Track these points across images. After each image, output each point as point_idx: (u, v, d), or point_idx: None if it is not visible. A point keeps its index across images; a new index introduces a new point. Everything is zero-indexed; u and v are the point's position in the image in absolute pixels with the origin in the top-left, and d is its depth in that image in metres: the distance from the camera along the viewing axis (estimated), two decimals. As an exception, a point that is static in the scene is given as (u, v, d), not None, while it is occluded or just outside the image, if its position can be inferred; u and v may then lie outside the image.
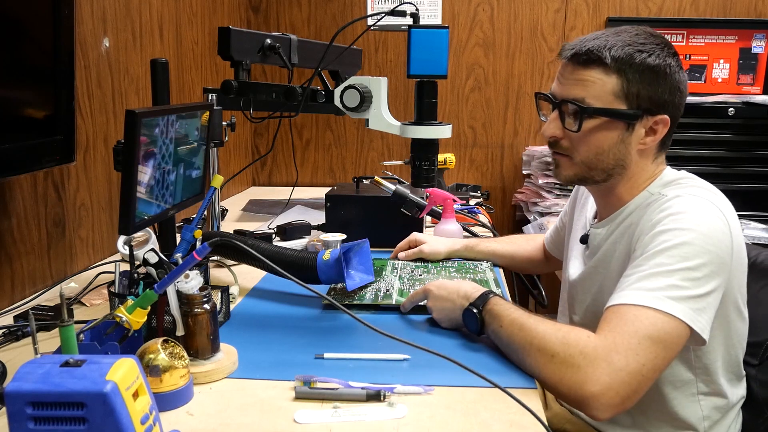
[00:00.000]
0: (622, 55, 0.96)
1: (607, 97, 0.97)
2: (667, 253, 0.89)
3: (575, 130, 1.00)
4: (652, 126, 0.99)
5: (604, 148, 1.00)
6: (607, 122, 0.99)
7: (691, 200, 0.95)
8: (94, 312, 1.18)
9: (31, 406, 0.59)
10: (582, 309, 1.14)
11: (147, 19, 1.72)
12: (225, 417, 0.81)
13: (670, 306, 0.85)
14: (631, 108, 0.98)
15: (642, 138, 1.00)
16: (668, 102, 0.98)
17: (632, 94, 0.97)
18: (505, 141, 2.62)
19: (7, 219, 1.20)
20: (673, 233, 0.90)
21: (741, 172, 2.20)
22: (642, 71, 0.96)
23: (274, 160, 2.72)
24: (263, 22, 2.59)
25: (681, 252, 0.88)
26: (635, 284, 0.89)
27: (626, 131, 0.99)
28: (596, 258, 1.09)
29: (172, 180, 1.09)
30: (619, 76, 0.96)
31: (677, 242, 0.89)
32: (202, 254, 0.81)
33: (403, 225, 1.56)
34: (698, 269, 0.88)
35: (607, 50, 0.96)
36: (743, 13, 2.46)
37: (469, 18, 2.53)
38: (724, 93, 2.39)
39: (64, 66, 1.15)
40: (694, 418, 1.03)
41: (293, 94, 1.24)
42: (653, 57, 0.97)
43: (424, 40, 1.13)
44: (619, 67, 0.96)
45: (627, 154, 1.01)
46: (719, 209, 0.94)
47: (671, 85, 0.98)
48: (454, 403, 0.84)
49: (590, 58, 0.97)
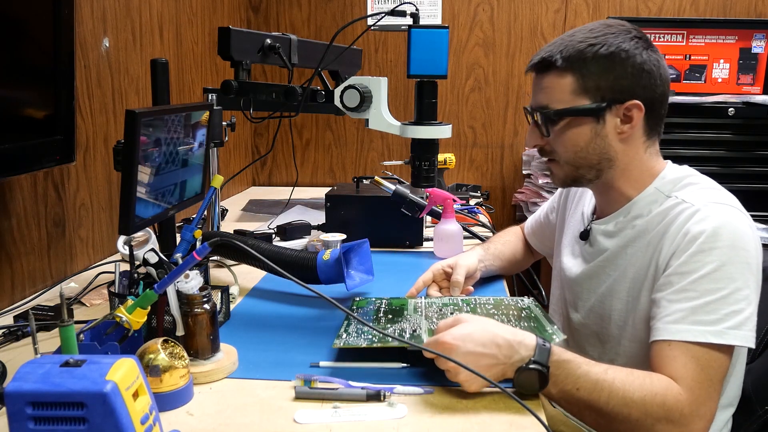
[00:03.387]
0: (572, 54, 0.98)
1: (567, 98, 1.00)
2: (713, 276, 0.90)
3: (546, 135, 1.04)
4: (624, 113, 0.99)
5: (580, 145, 1.01)
6: (574, 120, 1.01)
7: (721, 212, 0.94)
8: (94, 312, 1.18)
9: (31, 406, 0.59)
10: (585, 308, 1.12)
11: (147, 19, 1.72)
12: (225, 417, 0.81)
13: (734, 337, 0.88)
14: (595, 101, 0.99)
15: (618, 126, 1.00)
16: (633, 86, 0.98)
17: (591, 88, 0.98)
18: (505, 141, 2.62)
19: (7, 219, 1.20)
20: (715, 254, 0.90)
21: (741, 172, 2.19)
22: (595, 64, 0.98)
23: (274, 160, 2.72)
24: (263, 22, 2.59)
25: (726, 273, 0.90)
26: (692, 317, 0.89)
27: (597, 124, 1.00)
28: (604, 257, 1.08)
29: (172, 180, 1.09)
30: (572, 74, 0.99)
31: (720, 264, 0.90)
32: (202, 254, 0.81)
33: (403, 225, 1.56)
34: (746, 287, 0.90)
35: (557, 53, 0.99)
36: (743, 13, 2.46)
37: (469, 18, 2.53)
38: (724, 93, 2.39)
39: (64, 66, 1.15)
40: None
41: (293, 94, 1.24)
42: (604, 47, 0.98)
43: (424, 40, 1.13)
44: (570, 66, 0.99)
45: (608, 146, 1.01)
46: (743, 213, 0.96)
47: (632, 69, 0.98)
48: (454, 403, 0.84)
49: (544, 65, 1.02)
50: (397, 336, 0.95)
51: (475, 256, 1.31)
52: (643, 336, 1.00)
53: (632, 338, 1.03)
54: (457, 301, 1.15)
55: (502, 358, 0.84)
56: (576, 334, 1.15)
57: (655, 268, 0.98)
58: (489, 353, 0.84)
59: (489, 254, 1.37)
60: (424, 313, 1.08)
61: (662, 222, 0.99)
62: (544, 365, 0.83)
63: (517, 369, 0.84)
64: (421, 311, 1.09)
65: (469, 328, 0.86)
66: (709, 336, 0.88)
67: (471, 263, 1.26)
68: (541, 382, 0.83)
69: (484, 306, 1.11)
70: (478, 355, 0.84)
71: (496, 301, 1.14)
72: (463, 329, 0.86)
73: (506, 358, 0.84)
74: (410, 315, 1.07)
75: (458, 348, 0.84)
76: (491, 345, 0.84)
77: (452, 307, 1.11)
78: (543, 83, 1.03)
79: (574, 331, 1.16)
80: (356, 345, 0.93)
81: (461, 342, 0.84)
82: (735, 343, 0.88)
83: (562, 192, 1.31)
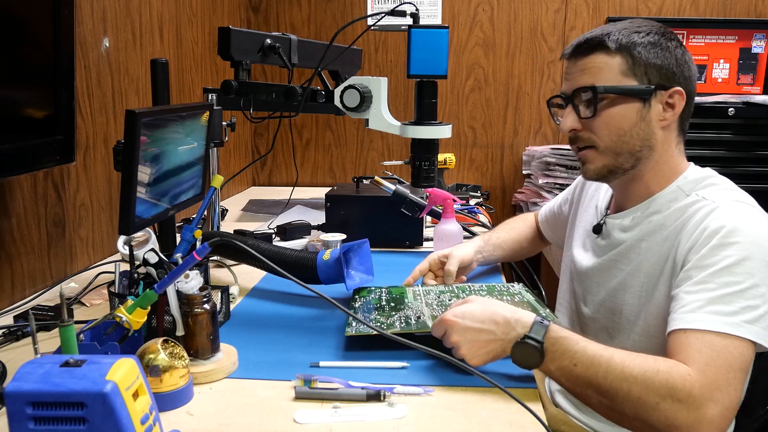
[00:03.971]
0: (622, 37, 0.99)
1: (616, 77, 0.99)
2: (734, 270, 0.88)
3: (591, 116, 1.01)
4: (668, 100, 1.00)
5: (625, 129, 1.00)
6: (622, 100, 1.00)
7: (740, 208, 0.95)
8: (94, 312, 1.18)
9: (31, 406, 0.59)
10: (595, 302, 1.12)
11: (147, 19, 1.72)
12: (225, 417, 0.81)
13: (749, 331, 0.86)
14: (642, 83, 0.99)
15: (661, 113, 1.01)
16: (678, 74, 1.00)
17: (640, 70, 0.99)
18: (505, 141, 2.62)
19: (7, 219, 1.20)
20: (735, 248, 0.89)
21: (741, 172, 2.19)
22: (644, 47, 0.99)
23: (274, 160, 2.72)
24: (263, 22, 2.59)
25: (746, 268, 0.88)
26: (709, 307, 0.87)
27: (644, 107, 1.00)
28: (617, 251, 1.07)
29: (172, 180, 1.09)
30: (622, 55, 0.99)
31: (740, 258, 0.89)
32: (202, 254, 0.81)
33: (403, 225, 1.56)
34: (764, 284, 0.88)
35: (606, 35, 1.00)
36: (743, 13, 2.46)
37: (469, 18, 2.53)
38: (724, 93, 2.39)
39: (64, 66, 1.16)
40: None
41: (293, 94, 1.24)
42: (651, 35, 1.00)
43: (424, 40, 1.13)
44: (620, 47, 0.99)
45: (651, 132, 1.01)
46: (763, 214, 0.96)
47: (676, 58, 1.00)
48: (454, 403, 0.84)
49: (591, 45, 1.01)
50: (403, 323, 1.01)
51: (472, 247, 1.34)
52: (654, 331, 1.00)
53: (643, 333, 1.02)
54: (453, 287, 1.21)
55: (500, 334, 0.87)
56: (585, 328, 1.15)
57: (672, 264, 0.97)
58: (487, 329, 0.88)
59: (489, 245, 1.39)
60: (424, 301, 1.13)
61: (680, 218, 0.99)
62: (539, 341, 0.84)
63: (513, 344, 0.86)
64: (421, 299, 1.15)
65: (470, 307, 0.91)
66: (725, 326, 0.85)
67: (466, 254, 1.30)
68: (538, 357, 0.85)
69: (478, 292, 1.18)
70: (476, 331, 0.88)
71: (489, 287, 1.21)
72: (465, 307, 0.91)
73: (504, 335, 0.87)
74: (411, 303, 1.13)
75: (457, 324, 0.89)
76: (489, 322, 0.88)
77: (449, 294, 1.17)
78: (588, 64, 1.01)
79: (583, 325, 1.16)
80: (367, 332, 0.93)
81: (461, 319, 0.89)
82: (750, 338, 0.85)
83: (578, 185, 1.31)
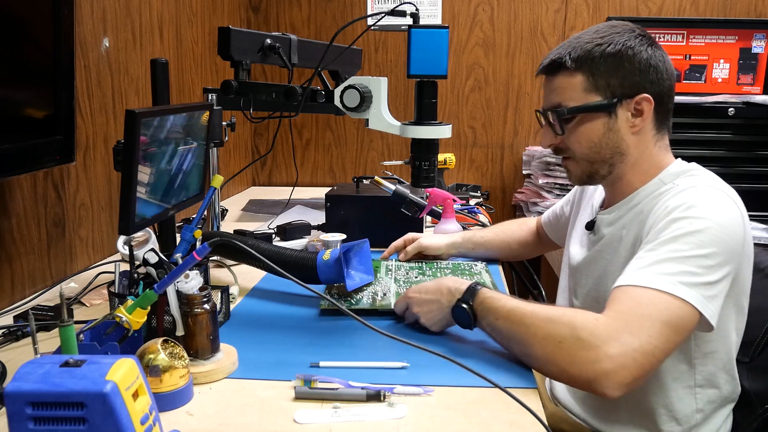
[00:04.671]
0: (581, 54, 1.03)
1: (579, 95, 1.04)
2: (682, 239, 0.91)
3: (561, 133, 1.08)
4: (635, 107, 1.03)
5: (594, 141, 1.05)
6: (588, 117, 1.05)
7: (707, 190, 0.97)
8: (94, 312, 1.18)
9: (31, 406, 0.59)
10: (583, 293, 1.15)
11: (147, 19, 1.72)
12: (225, 417, 0.81)
13: (684, 291, 0.87)
14: (606, 98, 1.03)
15: (630, 120, 1.04)
16: (642, 81, 1.03)
17: (601, 85, 1.03)
18: (505, 141, 2.62)
19: (7, 219, 1.20)
20: (689, 221, 0.92)
21: (741, 172, 2.19)
22: (604, 61, 1.02)
23: (274, 160, 2.72)
24: (263, 22, 2.59)
25: (696, 239, 0.90)
26: (648, 267, 0.90)
27: (609, 119, 1.04)
28: (602, 242, 1.11)
29: (171, 180, 1.09)
30: (583, 72, 1.03)
31: (692, 230, 0.91)
32: (202, 254, 0.81)
33: (403, 225, 1.56)
34: (711, 257, 0.90)
35: (566, 55, 1.04)
36: (743, 13, 2.46)
37: (469, 18, 2.53)
38: (724, 93, 2.39)
39: (64, 66, 1.15)
40: (689, 410, 1.04)
41: (293, 94, 1.24)
42: (611, 46, 1.02)
43: (424, 40, 1.13)
44: (580, 65, 1.03)
45: (620, 139, 1.05)
46: (734, 201, 0.97)
47: (639, 64, 1.02)
48: (454, 403, 0.84)
49: (554, 67, 1.06)
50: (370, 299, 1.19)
51: (446, 240, 1.47)
52: None
53: None
54: (422, 264, 1.42)
55: (446, 303, 1.02)
56: None
57: (640, 243, 1.00)
58: (437, 299, 1.04)
59: (469, 241, 1.48)
60: (394, 276, 1.33)
61: (654, 203, 1.02)
62: (469, 303, 0.98)
63: (452, 308, 1.00)
64: (392, 274, 1.35)
65: (426, 283, 1.08)
66: (656, 283, 0.87)
67: (433, 245, 1.46)
68: (470, 317, 0.98)
69: (443, 270, 1.38)
70: (428, 301, 1.05)
71: (454, 265, 1.42)
72: (422, 285, 1.08)
73: (448, 302, 1.01)
74: (382, 277, 1.31)
75: (415, 298, 1.07)
76: (437, 292, 1.04)
77: (417, 270, 1.37)
78: (554, 84, 1.07)
79: None
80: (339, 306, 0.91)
81: (418, 294, 1.07)
82: (682, 296, 0.86)
83: (578, 188, 1.35)
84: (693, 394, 1.04)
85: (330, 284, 1.24)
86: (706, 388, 1.04)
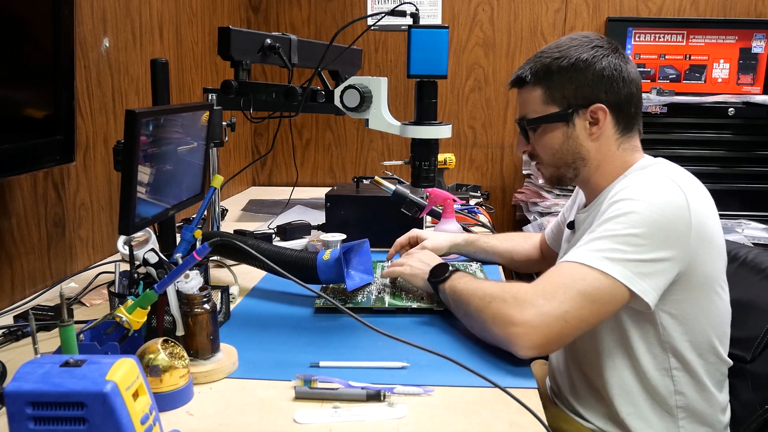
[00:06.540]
0: (539, 68, 1.11)
1: (540, 107, 1.12)
2: (615, 219, 0.97)
3: (528, 142, 1.17)
4: (591, 116, 1.09)
5: (555, 147, 1.13)
6: (548, 127, 1.12)
7: (651, 176, 1.03)
8: (94, 312, 1.18)
9: (31, 406, 0.59)
10: None
11: (147, 19, 1.72)
12: (225, 417, 0.81)
13: (606, 265, 0.94)
14: (562, 108, 1.10)
15: (588, 128, 1.10)
16: (595, 91, 1.08)
17: (557, 97, 1.10)
18: (505, 141, 2.62)
19: (7, 219, 1.20)
20: (625, 203, 0.99)
21: (741, 172, 2.20)
22: (559, 74, 1.09)
23: (274, 160, 2.72)
24: (263, 22, 2.59)
25: (629, 219, 0.96)
26: (583, 246, 0.98)
27: (568, 127, 1.11)
28: (574, 239, 1.15)
29: (172, 180, 1.09)
30: (541, 86, 1.11)
31: (626, 210, 0.97)
32: (202, 254, 0.81)
33: (403, 225, 1.56)
34: (643, 236, 0.95)
35: (527, 70, 1.12)
36: (743, 13, 2.46)
37: (469, 18, 2.54)
38: (724, 93, 2.39)
39: (64, 66, 1.15)
40: (666, 392, 1.05)
41: (293, 94, 1.24)
42: (565, 60, 1.09)
43: (424, 40, 1.13)
44: (538, 80, 1.11)
45: (579, 146, 1.11)
46: (678, 185, 1.00)
47: (592, 76, 1.08)
48: (454, 403, 0.84)
49: (518, 82, 1.15)
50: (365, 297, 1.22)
51: (449, 241, 1.48)
52: None
53: None
54: None
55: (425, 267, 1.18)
56: None
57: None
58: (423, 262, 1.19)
59: (472, 245, 1.49)
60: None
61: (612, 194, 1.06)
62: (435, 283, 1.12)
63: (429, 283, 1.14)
64: None
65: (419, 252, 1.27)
66: (581, 258, 0.95)
67: (437, 245, 1.45)
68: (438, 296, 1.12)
69: None
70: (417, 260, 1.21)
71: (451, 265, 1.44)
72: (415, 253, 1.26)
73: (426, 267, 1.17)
74: (378, 277, 1.33)
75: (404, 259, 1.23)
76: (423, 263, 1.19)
77: None
78: (521, 98, 1.16)
79: None
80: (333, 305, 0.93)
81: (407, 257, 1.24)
82: (605, 271, 0.93)
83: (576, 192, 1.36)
84: (670, 376, 1.05)
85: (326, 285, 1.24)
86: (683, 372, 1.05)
